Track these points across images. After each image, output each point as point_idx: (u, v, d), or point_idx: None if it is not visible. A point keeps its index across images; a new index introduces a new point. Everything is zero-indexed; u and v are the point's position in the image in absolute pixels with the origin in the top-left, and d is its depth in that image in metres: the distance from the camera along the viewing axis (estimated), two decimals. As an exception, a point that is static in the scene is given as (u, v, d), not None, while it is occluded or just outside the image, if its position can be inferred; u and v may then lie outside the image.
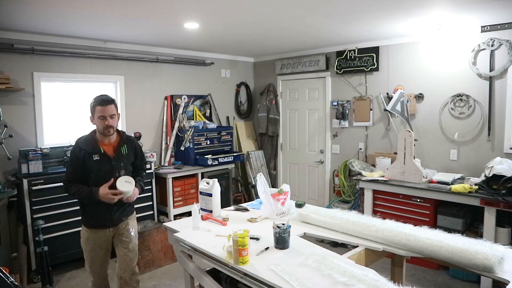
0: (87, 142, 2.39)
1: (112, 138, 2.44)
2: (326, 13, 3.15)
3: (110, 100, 2.37)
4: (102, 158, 2.36)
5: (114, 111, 2.37)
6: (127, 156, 2.49)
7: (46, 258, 3.21)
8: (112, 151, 2.42)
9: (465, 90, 3.82)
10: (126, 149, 2.48)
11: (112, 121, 2.35)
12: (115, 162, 2.41)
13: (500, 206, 3.05)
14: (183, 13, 3.11)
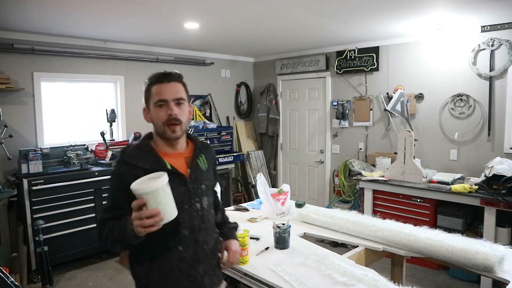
0: (139, 153, 1.36)
1: (180, 145, 1.42)
2: (326, 13, 3.15)
3: (176, 76, 1.38)
4: (169, 179, 1.22)
5: (183, 93, 1.38)
6: (208, 174, 1.47)
7: (46, 258, 3.21)
8: (185, 166, 1.39)
9: (465, 90, 3.82)
10: (205, 163, 1.47)
11: (179, 110, 1.35)
12: (193, 185, 1.37)
13: (500, 206, 3.05)
14: (183, 13, 3.11)
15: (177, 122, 1.33)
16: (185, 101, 1.37)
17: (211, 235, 1.44)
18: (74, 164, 3.68)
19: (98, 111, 4.34)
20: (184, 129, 1.38)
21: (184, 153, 1.43)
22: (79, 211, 3.65)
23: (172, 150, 1.40)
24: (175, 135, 1.35)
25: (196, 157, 1.42)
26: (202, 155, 1.46)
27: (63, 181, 3.54)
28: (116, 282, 3.45)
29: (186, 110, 1.39)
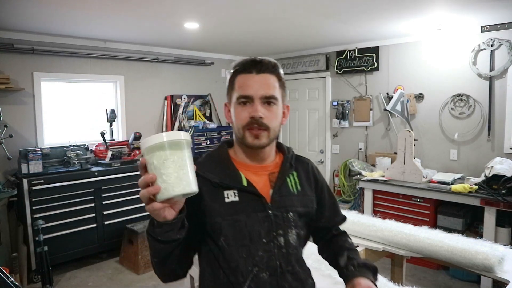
0: (211, 162, 1.09)
1: (265, 156, 1.10)
2: (326, 13, 3.15)
3: (269, 65, 1.05)
4: (243, 200, 1.02)
5: (275, 90, 1.04)
6: (302, 199, 1.10)
7: (46, 258, 3.21)
8: (267, 184, 1.07)
9: (465, 90, 3.82)
10: (296, 183, 1.12)
11: (267, 112, 1.03)
12: (276, 211, 1.03)
13: (500, 206, 3.05)
14: (183, 13, 3.10)
15: (262, 127, 1.01)
16: (277, 101, 1.03)
17: (303, 281, 1.04)
18: (74, 164, 3.68)
19: (98, 111, 4.34)
20: (272, 137, 1.04)
21: (270, 167, 1.09)
22: (79, 211, 3.65)
23: (253, 162, 1.07)
24: (258, 143, 1.01)
25: (284, 174, 1.07)
26: (293, 173, 1.11)
27: (63, 181, 3.54)
28: (116, 282, 3.45)
29: (278, 112, 1.04)
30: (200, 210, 1.00)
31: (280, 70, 1.07)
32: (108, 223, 3.85)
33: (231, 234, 1.00)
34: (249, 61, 1.05)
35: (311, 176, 1.17)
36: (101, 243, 3.83)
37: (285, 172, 1.09)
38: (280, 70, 1.07)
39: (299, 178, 1.12)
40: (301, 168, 1.16)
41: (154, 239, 0.87)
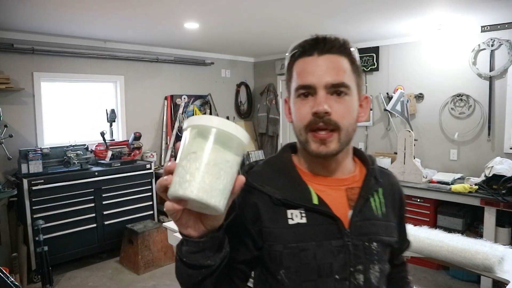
0: (271, 172, 0.84)
1: (340, 165, 0.84)
2: (326, 12, 3.15)
3: (335, 43, 0.80)
4: (313, 223, 0.78)
5: (345, 75, 0.77)
6: (386, 225, 0.85)
7: (46, 258, 3.21)
8: (345, 203, 0.81)
9: (465, 90, 3.82)
10: (381, 203, 0.86)
11: (337, 104, 0.76)
12: (356, 241, 0.79)
13: (500, 206, 3.05)
14: (183, 13, 3.10)
15: (330, 126, 0.74)
16: (350, 90, 0.76)
17: None
18: (74, 164, 3.68)
19: (98, 111, 4.34)
20: (344, 140, 0.76)
21: (347, 181, 0.82)
22: (79, 211, 3.65)
23: (325, 173, 0.82)
24: (325, 150, 0.75)
25: (367, 192, 0.81)
26: (378, 189, 0.84)
27: (63, 181, 3.54)
28: (116, 282, 3.45)
29: (352, 105, 0.77)
30: (257, 232, 0.79)
31: (353, 50, 0.79)
32: (108, 223, 3.85)
33: (295, 267, 0.77)
34: (309, 40, 0.82)
35: (396, 194, 0.88)
36: (101, 243, 3.83)
37: (369, 188, 0.82)
38: (352, 49, 0.79)
39: (385, 196, 0.85)
40: (387, 183, 0.87)
41: (180, 259, 0.68)
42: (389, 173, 0.93)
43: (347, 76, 0.77)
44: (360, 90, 0.82)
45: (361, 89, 0.82)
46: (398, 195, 0.90)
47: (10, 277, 1.62)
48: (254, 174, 0.83)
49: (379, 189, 0.85)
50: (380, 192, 0.85)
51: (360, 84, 0.82)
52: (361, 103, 0.82)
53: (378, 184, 0.85)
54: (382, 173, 0.89)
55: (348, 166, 0.85)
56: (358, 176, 0.85)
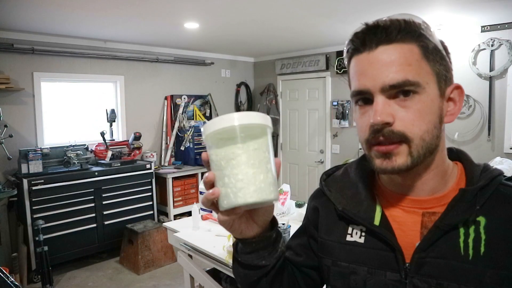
0: (347, 182, 0.74)
1: (420, 183, 0.64)
2: (326, 13, 3.15)
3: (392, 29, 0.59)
4: (370, 245, 0.67)
5: (407, 69, 0.58)
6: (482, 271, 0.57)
7: (46, 258, 3.21)
8: (417, 230, 0.64)
9: (465, 90, 3.79)
10: (480, 239, 0.59)
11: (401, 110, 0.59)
12: (417, 280, 0.61)
13: (500, 206, 3.04)
14: (183, 13, 3.11)
15: (394, 139, 0.59)
16: (419, 86, 0.59)
17: None
18: (74, 164, 3.68)
19: (98, 111, 4.34)
20: (419, 152, 0.59)
21: (427, 203, 0.65)
22: (79, 211, 3.65)
23: (399, 190, 0.67)
24: (390, 166, 0.60)
25: (451, 220, 0.61)
26: (476, 220, 0.61)
27: (63, 181, 3.54)
28: (116, 282, 3.45)
29: (427, 105, 0.60)
30: (320, 247, 0.74)
31: (425, 30, 0.61)
32: (108, 223, 3.85)
33: (337, 283, 0.69)
34: (359, 31, 0.62)
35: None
36: (101, 243, 3.83)
37: (454, 216, 0.60)
38: (425, 28, 0.61)
39: (489, 233, 0.60)
40: (502, 214, 0.60)
41: (235, 259, 0.68)
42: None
43: (414, 69, 0.58)
44: (445, 80, 0.62)
45: (446, 79, 0.63)
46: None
47: (10, 277, 1.62)
48: (332, 178, 0.76)
49: (479, 219, 0.60)
50: (482, 224, 0.60)
51: (443, 72, 0.62)
52: (449, 97, 0.63)
53: (475, 212, 0.60)
54: (499, 198, 0.61)
55: (435, 183, 0.64)
56: (447, 197, 0.63)
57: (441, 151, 0.64)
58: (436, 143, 0.61)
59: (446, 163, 0.66)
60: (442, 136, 0.63)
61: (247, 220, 0.61)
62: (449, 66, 0.64)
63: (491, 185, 0.61)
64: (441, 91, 0.61)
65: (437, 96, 0.61)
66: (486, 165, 0.66)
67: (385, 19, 0.61)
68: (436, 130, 0.60)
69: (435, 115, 0.60)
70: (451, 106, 0.64)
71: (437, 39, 0.62)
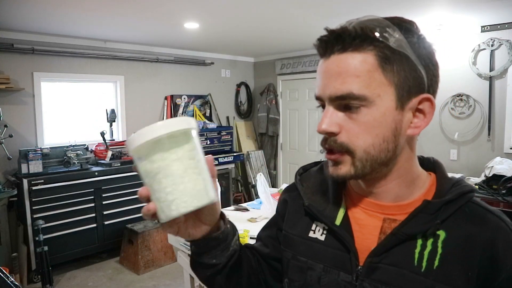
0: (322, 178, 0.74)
1: (383, 191, 0.64)
2: (326, 13, 3.15)
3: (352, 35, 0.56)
4: (329, 244, 0.67)
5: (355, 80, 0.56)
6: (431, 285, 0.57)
7: (46, 258, 3.21)
8: (375, 235, 0.63)
9: (465, 90, 3.82)
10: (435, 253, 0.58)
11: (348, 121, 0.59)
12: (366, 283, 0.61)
13: (500, 206, 3.04)
14: (183, 13, 3.11)
15: (338, 149, 0.60)
16: (365, 100, 0.57)
17: None
18: (74, 164, 3.68)
19: (98, 111, 4.34)
20: (362, 165, 0.59)
21: (389, 209, 0.64)
22: (79, 211, 3.65)
23: (362, 192, 0.67)
24: (335, 173, 0.62)
25: (409, 230, 0.60)
26: (436, 233, 0.60)
27: (63, 181, 3.54)
28: (116, 282, 3.45)
29: (376, 118, 0.58)
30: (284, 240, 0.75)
31: (389, 35, 0.57)
32: (108, 223, 3.85)
33: (299, 282, 0.69)
34: (320, 38, 0.60)
35: (482, 257, 0.57)
36: (101, 243, 3.83)
37: (412, 227, 0.60)
38: (387, 35, 0.56)
39: (445, 248, 0.59)
40: (462, 232, 0.59)
41: (190, 256, 0.68)
42: (490, 221, 0.60)
43: (362, 81, 0.56)
44: (409, 90, 0.58)
45: (410, 90, 0.58)
46: (487, 257, 0.57)
47: (10, 277, 1.62)
48: (307, 174, 0.77)
49: (439, 233, 0.59)
50: (441, 238, 0.59)
51: (408, 82, 0.57)
52: (418, 109, 0.59)
53: (435, 226, 0.59)
54: (466, 216, 0.60)
55: (399, 192, 0.63)
56: (412, 207, 0.62)
57: (405, 161, 0.63)
58: (387, 156, 0.59)
59: (414, 172, 0.65)
60: (406, 149, 0.62)
61: (194, 222, 0.61)
62: (419, 74, 0.58)
63: (458, 201, 0.60)
64: (401, 102, 0.58)
65: (393, 109, 0.57)
66: (459, 180, 0.65)
67: (343, 25, 0.57)
68: (386, 143, 0.58)
69: (386, 128, 0.58)
70: (419, 118, 0.60)
71: (404, 45, 0.57)
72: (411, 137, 0.62)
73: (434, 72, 0.60)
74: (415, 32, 0.61)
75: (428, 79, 0.59)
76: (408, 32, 0.59)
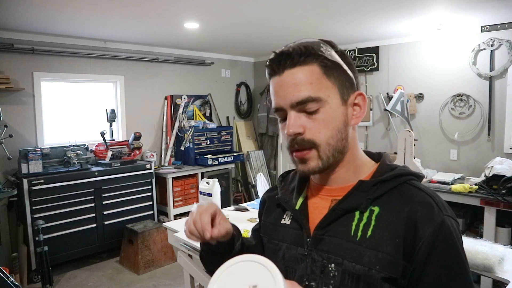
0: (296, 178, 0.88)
1: (334, 178, 0.77)
2: (326, 13, 3.15)
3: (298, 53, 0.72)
4: (292, 226, 0.82)
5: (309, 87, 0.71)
6: (363, 251, 0.68)
7: (46, 258, 3.21)
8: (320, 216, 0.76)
9: (465, 90, 3.82)
10: (369, 225, 0.70)
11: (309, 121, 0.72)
12: (314, 253, 0.74)
13: (500, 206, 3.05)
14: (183, 13, 3.11)
15: (306, 146, 0.72)
16: (321, 101, 0.70)
17: None
18: (74, 164, 3.68)
19: (98, 111, 4.34)
20: (326, 155, 0.72)
21: (335, 191, 0.76)
22: (79, 211, 3.65)
23: (318, 182, 0.80)
24: (306, 169, 0.74)
25: (346, 205, 0.72)
26: (371, 208, 0.71)
27: (63, 181, 3.54)
28: (116, 282, 3.45)
29: (329, 116, 0.71)
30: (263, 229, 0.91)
31: (325, 50, 0.72)
32: (108, 223, 3.85)
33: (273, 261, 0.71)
34: (272, 57, 0.74)
35: (406, 227, 0.67)
36: (101, 243, 3.83)
37: (349, 202, 0.72)
38: (324, 50, 0.72)
39: (378, 220, 0.69)
40: (393, 207, 0.69)
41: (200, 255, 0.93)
42: (415, 199, 0.69)
43: (315, 87, 0.70)
44: (347, 89, 0.73)
45: (348, 88, 0.73)
46: (412, 229, 0.66)
47: (10, 277, 1.61)
48: (287, 176, 0.91)
49: (373, 208, 0.70)
50: (375, 213, 0.70)
51: (345, 83, 0.73)
52: (355, 103, 0.75)
53: (369, 202, 0.70)
54: (399, 194, 0.70)
55: (346, 176, 0.76)
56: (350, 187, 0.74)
57: (351, 149, 0.76)
58: (343, 144, 0.73)
59: (359, 159, 0.78)
60: (352, 136, 0.76)
61: None
62: (350, 76, 0.74)
63: (392, 181, 0.72)
64: (344, 100, 0.73)
65: (340, 105, 0.73)
66: (399, 166, 0.76)
67: (289, 47, 0.73)
68: (340, 133, 0.73)
69: (338, 121, 0.72)
70: (357, 110, 0.75)
71: (336, 56, 0.72)
72: (354, 127, 0.76)
73: (356, 75, 0.77)
74: (338, 48, 0.75)
75: (356, 80, 0.76)
76: (335, 47, 0.75)
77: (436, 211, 0.67)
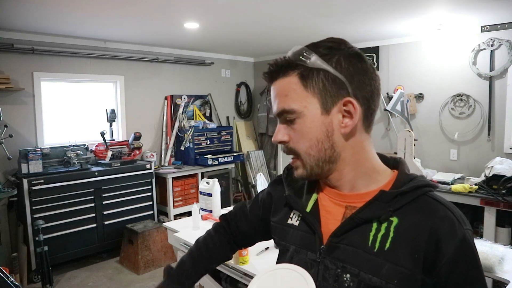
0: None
1: (343, 183, 0.75)
2: (326, 13, 3.15)
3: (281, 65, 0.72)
4: (301, 229, 0.79)
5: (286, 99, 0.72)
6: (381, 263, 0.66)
7: (46, 258, 3.21)
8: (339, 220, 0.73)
9: (465, 90, 3.82)
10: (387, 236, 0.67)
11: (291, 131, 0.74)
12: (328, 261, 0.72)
13: (500, 206, 3.05)
14: (183, 13, 3.11)
15: (292, 153, 0.75)
16: (296, 112, 0.70)
17: None
18: (74, 164, 3.68)
19: (98, 111, 4.34)
20: (310, 164, 0.72)
21: (349, 198, 0.74)
22: (79, 211, 3.65)
23: (329, 184, 0.77)
24: (297, 174, 0.76)
25: (366, 215, 0.69)
26: (390, 219, 0.68)
27: (63, 181, 3.54)
28: (116, 282, 3.45)
29: (307, 127, 0.71)
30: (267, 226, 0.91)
31: (306, 57, 0.69)
32: (108, 223, 3.85)
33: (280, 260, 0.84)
34: (268, 68, 0.75)
35: (428, 243, 0.65)
36: (101, 243, 3.83)
37: (367, 213, 0.69)
38: (305, 57, 0.69)
39: (397, 232, 0.67)
40: (413, 219, 0.67)
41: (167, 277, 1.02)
42: (438, 215, 0.67)
43: (290, 98, 0.70)
44: (331, 98, 0.69)
45: (332, 97, 0.69)
46: (432, 245, 0.64)
47: (10, 277, 1.61)
48: (289, 171, 0.88)
49: (392, 219, 0.68)
50: (393, 224, 0.67)
51: (330, 91, 0.68)
52: (345, 110, 0.69)
53: (389, 214, 0.68)
54: (418, 207, 0.68)
55: (359, 182, 0.73)
56: (370, 196, 0.70)
57: (352, 156, 0.72)
58: (328, 154, 0.71)
59: (367, 166, 0.74)
60: (347, 145, 0.71)
61: None
62: (340, 80, 0.68)
63: (412, 193, 0.69)
64: (326, 108, 0.70)
65: (319, 115, 0.70)
66: (418, 176, 0.73)
67: (281, 57, 0.72)
68: (321, 144, 0.70)
69: (317, 131, 0.70)
70: (347, 118, 0.70)
71: (318, 62, 0.68)
72: (350, 134, 0.71)
73: (360, 78, 0.69)
74: (339, 49, 0.70)
75: (352, 85, 0.69)
76: (330, 50, 0.70)
77: (457, 226, 0.66)
